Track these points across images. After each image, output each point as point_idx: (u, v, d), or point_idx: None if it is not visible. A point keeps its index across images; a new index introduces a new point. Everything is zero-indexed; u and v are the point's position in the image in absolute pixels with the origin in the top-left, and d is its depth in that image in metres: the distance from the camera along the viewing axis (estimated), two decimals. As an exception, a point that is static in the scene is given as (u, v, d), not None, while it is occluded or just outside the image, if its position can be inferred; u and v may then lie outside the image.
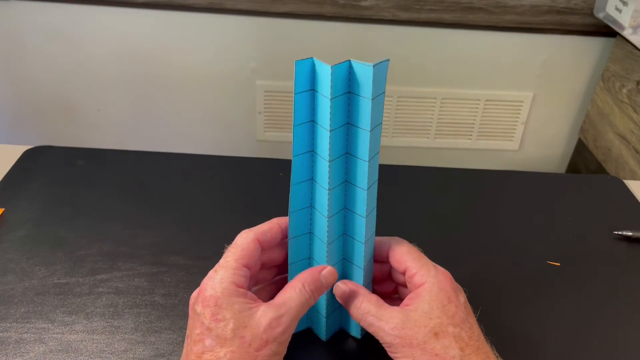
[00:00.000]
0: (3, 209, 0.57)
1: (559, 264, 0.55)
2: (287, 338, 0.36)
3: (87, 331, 0.44)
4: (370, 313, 0.38)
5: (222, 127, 1.45)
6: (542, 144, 1.50)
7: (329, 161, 0.35)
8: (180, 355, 0.43)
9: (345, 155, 0.36)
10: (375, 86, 0.33)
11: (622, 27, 1.13)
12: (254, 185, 0.64)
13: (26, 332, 0.44)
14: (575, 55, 1.35)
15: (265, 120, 1.43)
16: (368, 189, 0.36)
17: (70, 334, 0.44)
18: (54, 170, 0.64)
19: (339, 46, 1.32)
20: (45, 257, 0.51)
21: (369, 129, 0.34)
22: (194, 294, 0.38)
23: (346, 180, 0.38)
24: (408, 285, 0.39)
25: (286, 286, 0.38)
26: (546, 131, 1.47)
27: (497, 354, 0.38)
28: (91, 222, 0.56)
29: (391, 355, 0.37)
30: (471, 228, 0.59)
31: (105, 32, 1.29)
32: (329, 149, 0.34)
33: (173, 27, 1.29)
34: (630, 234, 0.58)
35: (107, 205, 0.59)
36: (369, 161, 0.35)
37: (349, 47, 1.32)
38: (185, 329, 0.45)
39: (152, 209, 0.59)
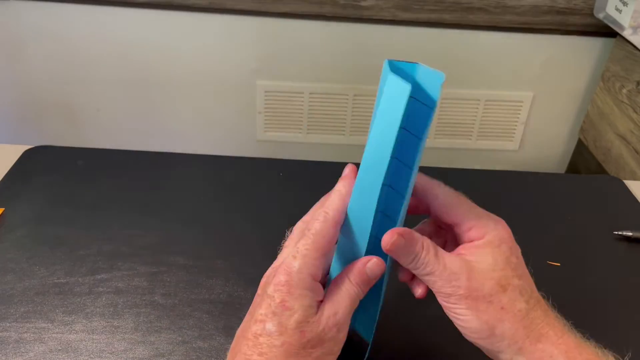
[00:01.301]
0: (3, 209, 0.57)
1: (559, 264, 0.55)
2: (342, 338, 0.35)
3: (87, 331, 0.44)
4: (429, 262, 0.35)
5: (222, 127, 1.45)
6: (542, 144, 1.50)
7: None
8: (179, 356, 0.43)
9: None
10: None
11: (622, 28, 1.13)
12: (254, 185, 0.64)
13: (26, 331, 0.44)
14: (575, 56, 1.35)
15: (265, 120, 1.43)
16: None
17: (70, 333, 0.44)
18: (54, 170, 0.64)
19: (339, 46, 1.32)
20: (45, 256, 0.51)
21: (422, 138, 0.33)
22: (269, 272, 0.37)
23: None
24: (461, 237, 0.37)
25: (336, 282, 0.36)
26: (546, 131, 1.47)
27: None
28: (91, 221, 0.56)
29: (448, 305, 0.35)
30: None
31: (105, 32, 1.29)
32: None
33: (173, 27, 1.29)
34: (630, 234, 0.58)
35: (106, 205, 0.59)
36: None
37: (349, 47, 1.32)
38: (185, 328, 0.45)
39: (152, 209, 0.59)
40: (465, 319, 0.35)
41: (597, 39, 1.32)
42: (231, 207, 0.60)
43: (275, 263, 0.38)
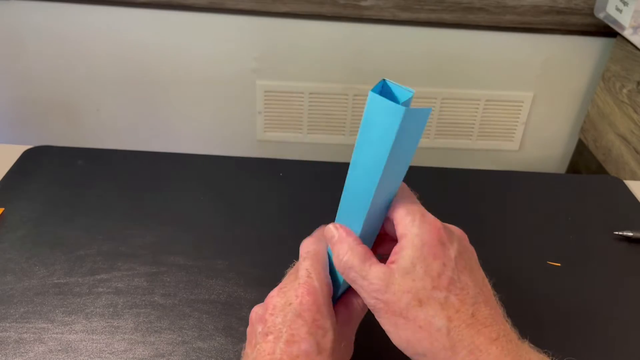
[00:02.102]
0: (3, 209, 0.57)
1: (559, 264, 0.55)
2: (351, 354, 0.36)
3: (87, 331, 0.44)
4: (353, 268, 0.32)
5: (222, 127, 1.45)
6: (543, 144, 1.50)
7: None
8: (179, 356, 0.43)
9: None
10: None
11: (623, 28, 1.13)
12: (254, 185, 0.64)
13: (26, 332, 0.44)
14: (576, 56, 1.35)
15: (265, 120, 1.43)
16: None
17: (70, 334, 0.44)
18: (54, 170, 0.64)
19: (339, 46, 1.32)
20: (44, 257, 0.51)
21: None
22: (282, 292, 0.35)
23: None
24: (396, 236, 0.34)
25: (341, 303, 0.37)
26: (546, 131, 1.47)
27: (502, 316, 0.33)
28: (91, 222, 0.56)
29: (377, 319, 0.33)
30: (471, 228, 0.59)
31: (105, 32, 1.29)
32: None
33: (173, 27, 1.29)
34: (630, 234, 0.58)
35: (106, 205, 0.59)
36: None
37: (349, 47, 1.32)
38: (185, 329, 0.45)
39: (152, 209, 0.59)
40: (391, 336, 0.32)
41: (597, 39, 1.32)
42: (231, 207, 0.60)
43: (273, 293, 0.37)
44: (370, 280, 0.32)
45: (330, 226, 0.35)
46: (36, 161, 0.65)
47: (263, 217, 0.59)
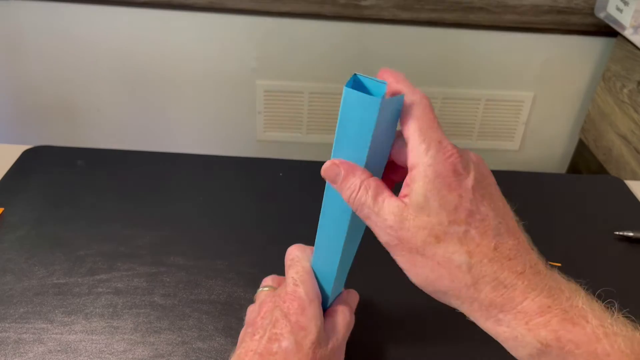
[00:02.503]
0: (3, 209, 0.57)
1: (559, 264, 0.54)
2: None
3: (86, 331, 0.44)
4: (366, 204, 0.30)
5: (222, 127, 1.45)
6: (543, 144, 1.49)
7: None
8: (179, 356, 0.43)
9: None
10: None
11: (623, 27, 1.13)
12: (254, 185, 0.64)
13: (25, 332, 0.44)
14: (576, 55, 1.35)
15: (265, 120, 1.43)
16: None
17: (70, 334, 0.44)
18: (54, 170, 0.64)
19: (339, 46, 1.32)
20: (44, 257, 0.51)
21: None
22: (275, 296, 0.37)
23: None
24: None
25: (337, 312, 0.38)
26: (547, 131, 1.47)
27: (529, 245, 0.30)
28: (91, 222, 0.56)
29: (393, 256, 0.31)
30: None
31: (105, 32, 1.29)
32: None
33: (173, 27, 1.29)
34: (631, 234, 0.58)
35: (106, 205, 0.59)
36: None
37: (349, 47, 1.32)
38: (185, 329, 0.45)
39: (152, 209, 0.58)
40: (407, 273, 0.30)
41: (597, 39, 1.32)
42: (231, 207, 0.60)
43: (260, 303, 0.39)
44: (383, 216, 0.29)
45: (329, 164, 0.31)
46: (36, 161, 0.65)
47: (263, 217, 0.59)
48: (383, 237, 0.30)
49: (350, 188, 0.30)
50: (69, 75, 1.36)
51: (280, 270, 0.40)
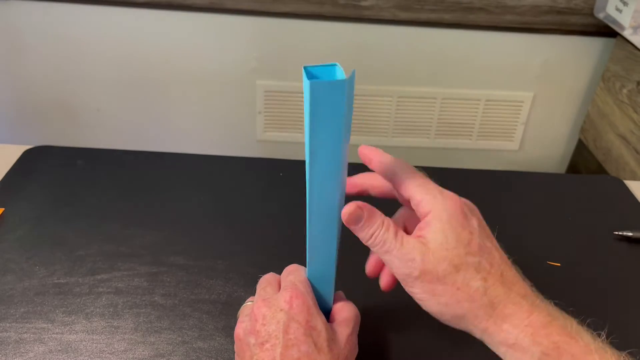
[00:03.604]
0: (3, 209, 0.57)
1: (559, 264, 0.55)
2: (355, 354, 0.37)
3: (87, 331, 0.44)
4: (387, 241, 0.34)
5: (222, 127, 1.45)
6: (543, 144, 1.50)
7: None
8: (179, 356, 0.43)
9: None
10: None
11: (623, 28, 1.13)
12: (254, 185, 0.64)
13: (26, 332, 0.44)
14: (576, 56, 1.35)
15: (265, 120, 1.43)
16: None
17: (70, 334, 0.44)
18: (54, 170, 0.64)
19: (339, 46, 1.32)
20: (45, 257, 0.51)
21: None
22: (270, 300, 0.37)
23: None
24: (417, 214, 0.36)
25: (336, 309, 0.39)
26: (546, 131, 1.47)
27: (522, 275, 0.35)
28: (91, 222, 0.56)
29: (407, 288, 0.35)
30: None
31: (105, 32, 1.29)
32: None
33: (173, 27, 1.29)
34: (630, 234, 0.58)
35: (107, 205, 0.59)
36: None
37: (349, 47, 1.32)
38: (185, 329, 0.45)
39: (152, 209, 0.59)
40: (425, 303, 0.34)
41: (597, 39, 1.32)
42: (231, 207, 0.60)
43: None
44: (405, 250, 0.34)
45: (354, 207, 0.35)
46: (36, 161, 0.65)
47: (263, 217, 0.59)
48: (403, 269, 0.34)
49: (372, 227, 0.35)
50: (69, 75, 1.36)
51: (280, 270, 0.40)
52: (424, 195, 0.35)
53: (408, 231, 0.37)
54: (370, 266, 0.41)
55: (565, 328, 0.32)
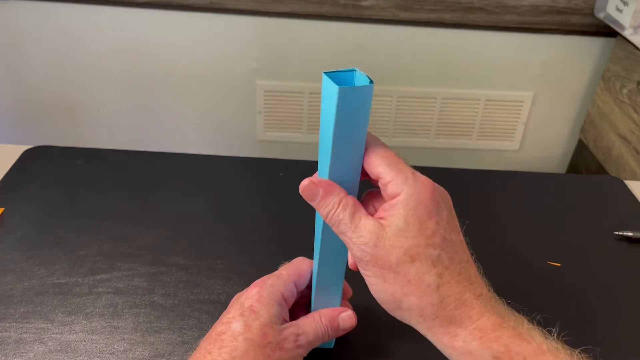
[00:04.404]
0: (3, 209, 0.57)
1: (559, 264, 0.55)
2: (300, 355, 0.38)
3: (87, 331, 0.44)
4: (343, 221, 0.33)
5: (222, 127, 1.45)
6: (543, 144, 1.50)
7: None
8: (179, 356, 0.43)
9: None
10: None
11: (623, 28, 1.13)
12: (254, 185, 0.64)
13: (25, 332, 0.44)
14: (576, 56, 1.35)
15: (265, 120, 1.43)
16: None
17: (70, 334, 0.44)
18: (54, 170, 0.64)
19: (339, 46, 1.32)
20: (44, 257, 0.51)
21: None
22: (241, 293, 0.40)
23: None
24: (383, 195, 0.33)
25: (308, 315, 0.40)
26: (546, 131, 1.47)
27: (482, 274, 0.34)
28: (91, 222, 0.56)
29: (360, 270, 0.34)
30: (471, 228, 0.59)
31: (105, 32, 1.29)
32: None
33: (173, 27, 1.29)
34: (630, 234, 0.58)
35: (106, 205, 0.59)
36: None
37: (349, 47, 1.32)
38: (185, 329, 0.45)
39: (152, 209, 0.59)
40: (373, 288, 0.33)
41: (597, 39, 1.32)
42: (231, 207, 0.60)
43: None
44: (359, 232, 0.32)
45: (308, 183, 0.33)
46: (36, 161, 0.65)
47: (263, 217, 0.59)
48: (356, 252, 0.33)
49: (328, 206, 0.33)
50: (69, 75, 1.36)
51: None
52: (395, 177, 0.32)
53: (375, 210, 0.35)
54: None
55: (516, 329, 0.31)
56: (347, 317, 0.40)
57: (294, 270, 0.40)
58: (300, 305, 0.42)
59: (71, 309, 0.46)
